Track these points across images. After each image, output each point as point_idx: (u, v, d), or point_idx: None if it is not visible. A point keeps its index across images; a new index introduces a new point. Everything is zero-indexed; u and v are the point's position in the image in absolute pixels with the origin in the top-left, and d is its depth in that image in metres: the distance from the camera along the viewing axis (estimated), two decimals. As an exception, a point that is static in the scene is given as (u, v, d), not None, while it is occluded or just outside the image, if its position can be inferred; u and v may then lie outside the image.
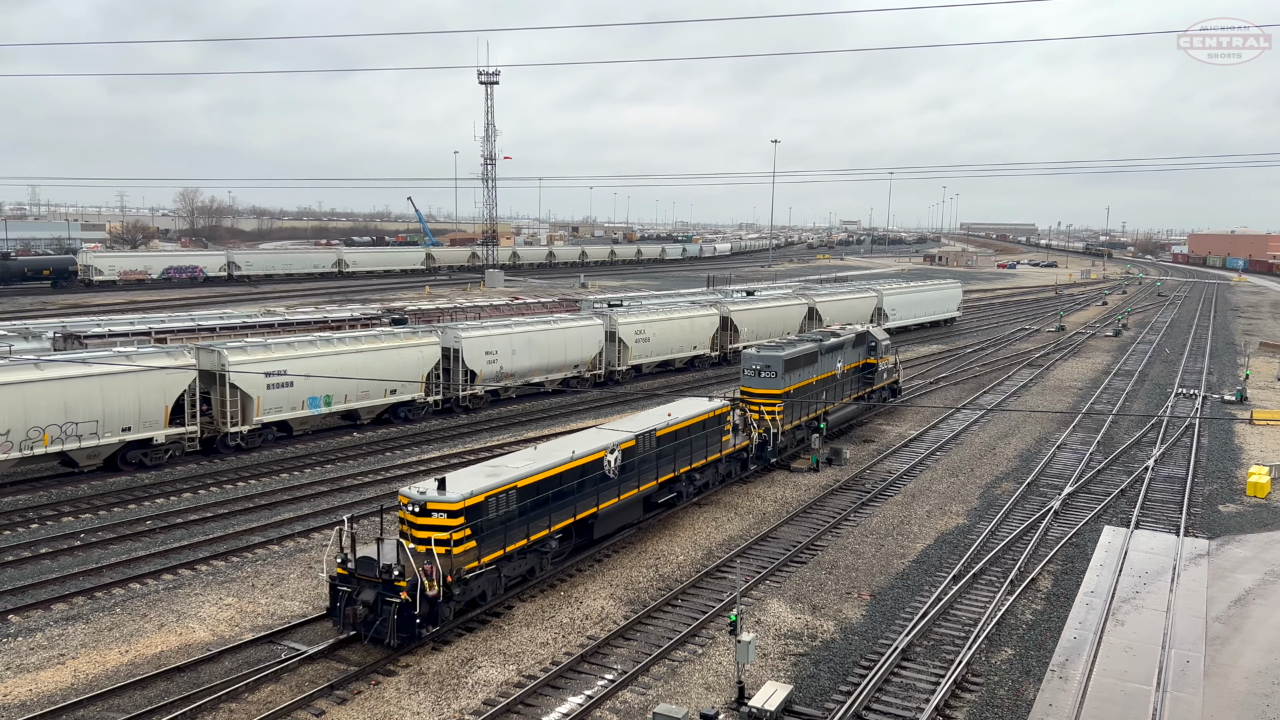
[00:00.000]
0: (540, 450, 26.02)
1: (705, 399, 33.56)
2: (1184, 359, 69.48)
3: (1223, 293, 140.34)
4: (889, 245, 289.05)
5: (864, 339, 43.75)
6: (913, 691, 19.70)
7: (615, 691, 19.46)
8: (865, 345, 43.64)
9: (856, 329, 44.29)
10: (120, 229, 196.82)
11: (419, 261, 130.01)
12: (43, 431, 31.04)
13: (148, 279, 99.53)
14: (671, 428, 29.28)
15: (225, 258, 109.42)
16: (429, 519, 21.23)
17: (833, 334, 42.20)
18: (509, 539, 22.73)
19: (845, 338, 41.67)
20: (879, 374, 44.51)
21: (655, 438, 28.35)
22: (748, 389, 35.53)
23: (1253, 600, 21.89)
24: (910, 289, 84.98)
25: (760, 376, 35.34)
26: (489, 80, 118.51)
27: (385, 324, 54.04)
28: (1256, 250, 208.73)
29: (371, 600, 20.48)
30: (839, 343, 40.76)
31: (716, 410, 31.77)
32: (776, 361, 35.17)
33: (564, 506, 24.63)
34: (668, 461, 29.12)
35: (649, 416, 30.51)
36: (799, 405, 36.65)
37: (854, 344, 42.34)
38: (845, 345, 41.33)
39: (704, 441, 30.95)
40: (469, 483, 22.29)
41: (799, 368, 36.41)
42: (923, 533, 29.84)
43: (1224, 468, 38.43)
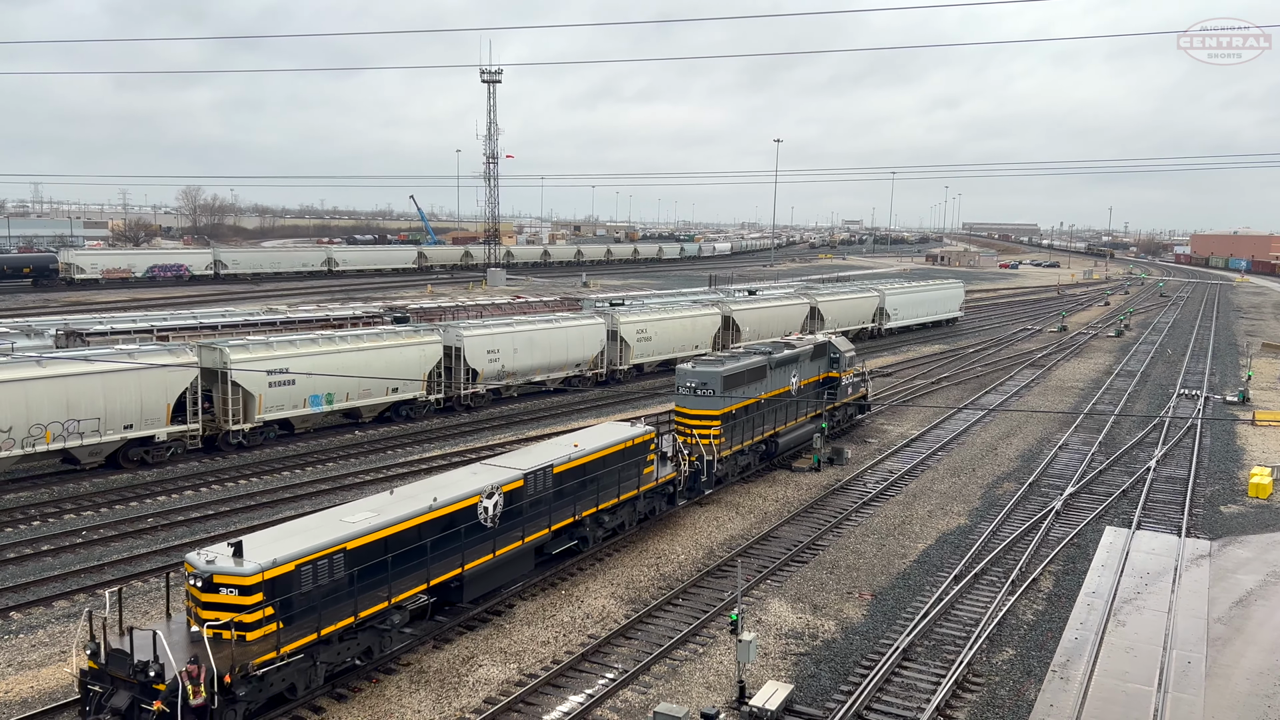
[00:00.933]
0: (398, 496, 21.58)
1: (627, 423, 29.65)
2: (1186, 360, 69.42)
3: (1225, 293, 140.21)
4: (891, 245, 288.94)
5: (823, 350, 40.02)
6: (914, 691, 19.69)
7: (616, 690, 19.47)
8: (826, 357, 39.98)
9: (816, 339, 41.05)
10: (123, 226, 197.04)
11: (411, 260, 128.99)
12: (45, 429, 31.07)
13: (131, 277, 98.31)
14: (575, 462, 25.26)
15: (212, 256, 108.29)
16: (217, 595, 16.85)
17: (786, 345, 38.27)
18: (329, 618, 18.01)
19: (801, 349, 38.02)
20: (842, 389, 40.62)
21: (551, 475, 24.32)
22: (682, 409, 31.59)
23: (1254, 601, 21.88)
24: (912, 289, 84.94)
25: (696, 395, 31.31)
26: (491, 79, 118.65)
27: (387, 322, 54.05)
28: (1259, 251, 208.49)
29: (124, 708, 15.98)
30: (793, 355, 37.06)
31: (637, 438, 27.78)
32: (714, 378, 31.30)
33: (414, 569, 20.00)
34: (568, 503, 24.88)
35: (549, 449, 26.39)
36: (742, 427, 32.88)
37: (812, 356, 38.61)
38: (801, 358, 37.71)
39: (619, 475, 26.69)
40: (276, 547, 17.89)
41: (742, 384, 32.73)
42: (924, 533, 29.83)
43: (1226, 469, 38.39)
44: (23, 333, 44.21)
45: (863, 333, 75.34)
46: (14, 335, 43.08)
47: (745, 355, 34.79)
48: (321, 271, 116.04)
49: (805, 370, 38.10)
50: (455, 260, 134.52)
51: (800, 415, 37.63)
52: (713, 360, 33.51)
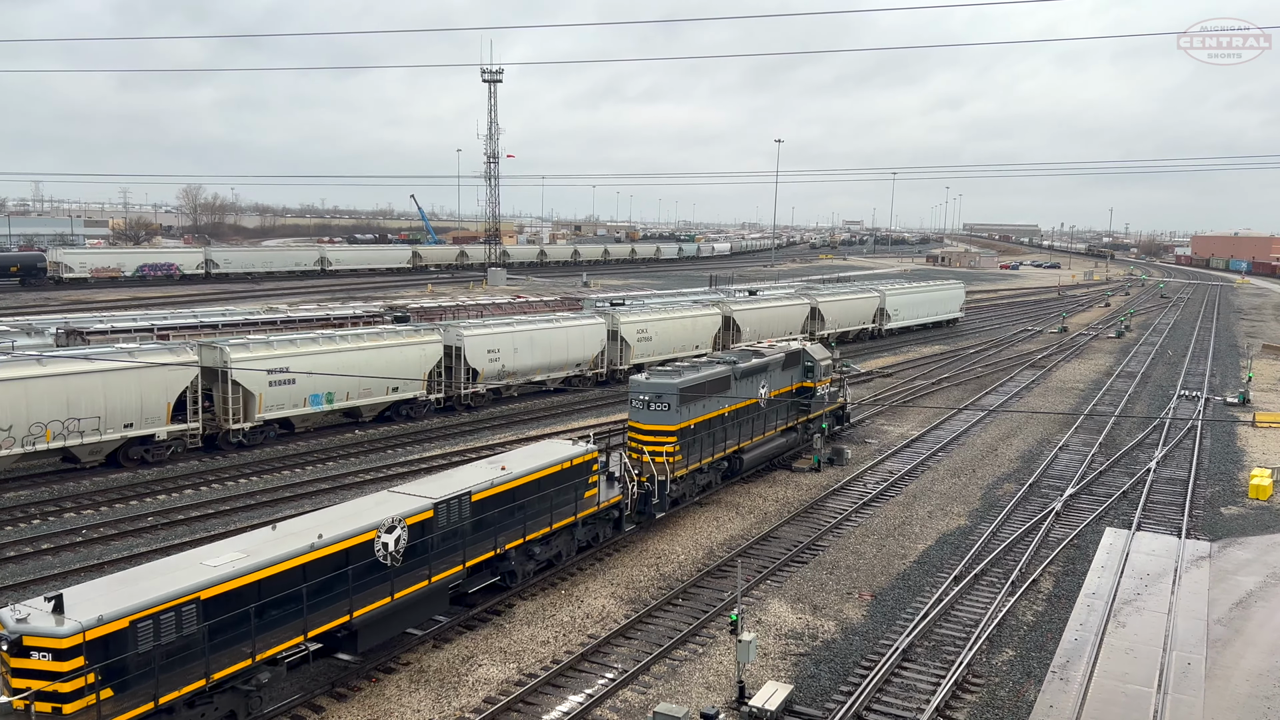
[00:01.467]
0: (280, 532, 18.86)
1: (569, 441, 26.57)
2: (1186, 361, 69.40)
3: (1225, 295, 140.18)
4: (892, 246, 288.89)
5: (797, 359, 37.43)
6: (913, 692, 19.69)
7: (616, 690, 19.47)
8: (799, 366, 37.47)
9: (788, 346, 38.18)
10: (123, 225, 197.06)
11: (405, 259, 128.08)
12: (45, 427, 31.08)
13: (120, 277, 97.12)
14: (500, 487, 22.66)
15: (203, 255, 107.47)
16: (28, 660, 14.18)
17: (754, 353, 35.85)
18: (173, 682, 15.36)
19: (771, 358, 35.50)
20: (817, 400, 38.07)
21: (469, 504, 21.70)
22: (635, 425, 29.31)
23: (1254, 603, 21.87)
24: (913, 289, 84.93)
25: (650, 409, 29.02)
26: (492, 79, 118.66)
27: (388, 322, 54.06)
28: (1260, 252, 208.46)
29: None
30: (761, 364, 34.60)
31: (577, 458, 25.17)
32: (670, 390, 29.01)
33: (289, 619, 17.32)
34: (489, 535, 22.25)
35: (471, 472, 23.61)
36: (702, 443, 30.60)
37: (784, 365, 36.09)
38: (771, 367, 35.21)
39: (553, 501, 24.12)
40: (109, 599, 15.15)
41: (702, 397, 30.48)
42: (924, 533, 29.82)
43: (1226, 470, 38.38)
44: (23, 331, 44.23)
45: (863, 333, 75.36)
46: (14, 334, 43.10)
47: (707, 365, 32.57)
48: (315, 271, 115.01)
49: (776, 380, 35.53)
50: (451, 260, 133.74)
51: (770, 428, 35.18)
52: (668, 371, 31.02)
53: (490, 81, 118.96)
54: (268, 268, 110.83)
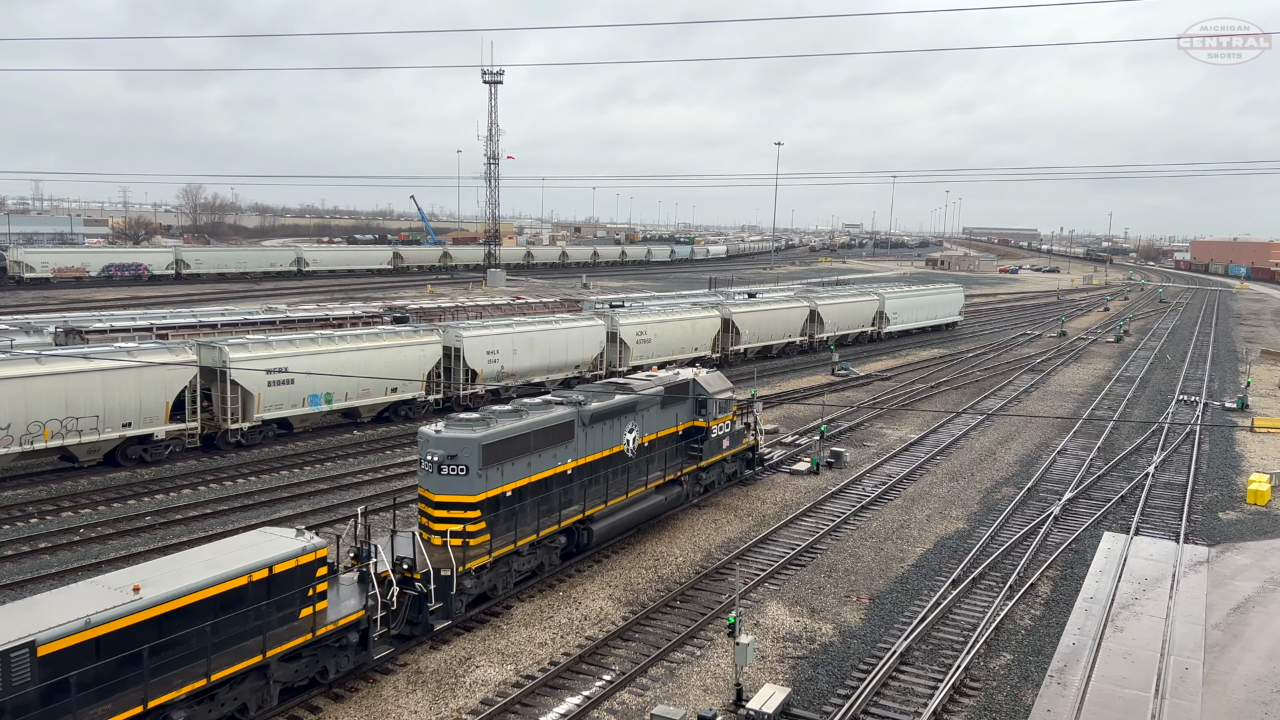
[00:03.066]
0: None
1: (290, 532, 18.72)
2: (1185, 366, 69.44)
3: (1224, 300, 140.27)
4: (891, 249, 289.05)
5: (683, 392, 30.67)
6: (911, 696, 19.69)
7: (613, 692, 19.46)
8: (688, 401, 30.80)
9: (673, 376, 31.49)
10: (123, 224, 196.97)
11: (385, 261, 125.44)
12: (43, 426, 31.06)
13: (85, 276, 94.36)
14: (101, 629, 14.52)
15: (173, 255, 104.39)
16: None
17: (619, 388, 28.67)
18: None
19: (641, 394, 28.47)
20: (712, 443, 31.37)
21: (34, 662, 13.59)
22: (425, 493, 22.51)
23: (1252, 608, 21.86)
24: (912, 293, 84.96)
25: (442, 473, 21.99)
26: (492, 80, 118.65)
27: (387, 322, 54.05)
28: (1259, 258, 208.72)
29: None
30: (627, 403, 27.51)
31: (288, 561, 17.50)
32: (468, 447, 21.94)
33: None
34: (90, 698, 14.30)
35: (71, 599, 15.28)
36: (523, 514, 23.50)
37: (663, 402, 29.48)
38: (642, 406, 28.29)
39: (233, 632, 16.51)
40: None
41: (523, 452, 23.57)
42: (922, 537, 29.82)
43: (1224, 475, 38.39)
44: (22, 330, 44.18)
45: (862, 336, 75.39)
46: (13, 332, 43.06)
47: (539, 408, 25.19)
48: (291, 272, 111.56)
49: (652, 421, 28.80)
50: (433, 261, 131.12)
51: (640, 484, 28.10)
52: (468, 422, 22.99)
53: (490, 83, 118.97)
54: (241, 268, 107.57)
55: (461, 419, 23.38)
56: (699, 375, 31.63)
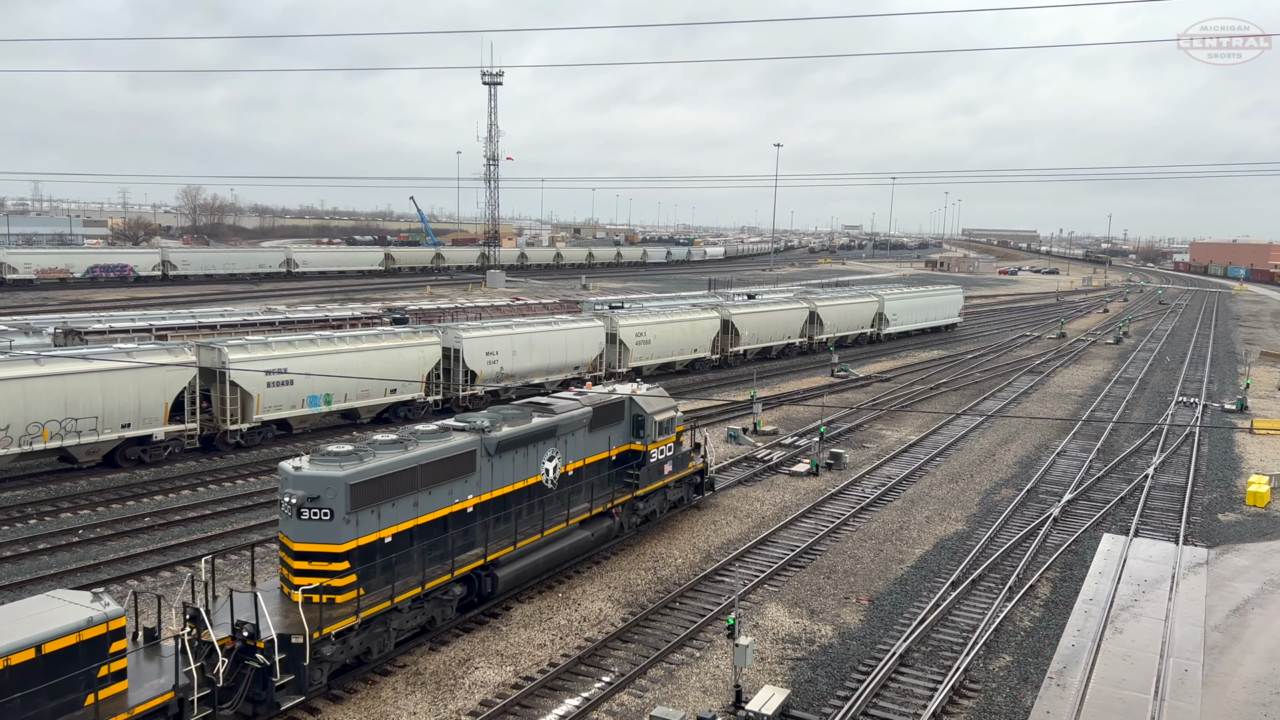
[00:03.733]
0: None
1: (86, 597, 15.56)
2: (1184, 367, 69.46)
3: (1224, 301, 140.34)
4: (890, 250, 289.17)
5: (617, 413, 27.35)
6: (910, 697, 19.68)
7: (613, 694, 19.44)
8: (622, 423, 27.62)
9: (604, 396, 27.66)
10: (122, 225, 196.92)
11: (377, 262, 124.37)
12: (42, 427, 31.03)
13: (70, 278, 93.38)
14: None
15: (160, 256, 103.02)
16: None
17: (538, 409, 25.12)
18: None
19: (564, 416, 24.99)
20: (651, 468, 28.06)
21: None
22: (285, 540, 19.10)
23: (1251, 609, 21.86)
24: (911, 294, 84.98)
25: (302, 518, 18.65)
26: (492, 81, 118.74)
27: (386, 323, 54.05)
28: (1258, 259, 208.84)
29: None
30: (546, 426, 24.22)
31: (67, 637, 14.37)
32: (332, 488, 18.53)
33: None
34: None
35: None
36: (406, 563, 20.13)
37: (591, 423, 26.06)
38: (565, 428, 24.95)
39: None
40: None
41: (405, 491, 20.07)
42: (921, 538, 29.81)
43: (1224, 477, 38.40)
44: (21, 331, 44.18)
45: (862, 338, 75.39)
46: (12, 333, 43.06)
47: (427, 437, 21.48)
48: (280, 273, 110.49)
49: (578, 446, 25.67)
50: (426, 263, 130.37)
51: (561, 519, 24.78)
52: (336, 456, 19.29)
53: (490, 84, 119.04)
54: (230, 269, 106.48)
55: (329, 452, 19.54)
56: (636, 393, 28.54)
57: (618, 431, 27.54)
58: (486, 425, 22.71)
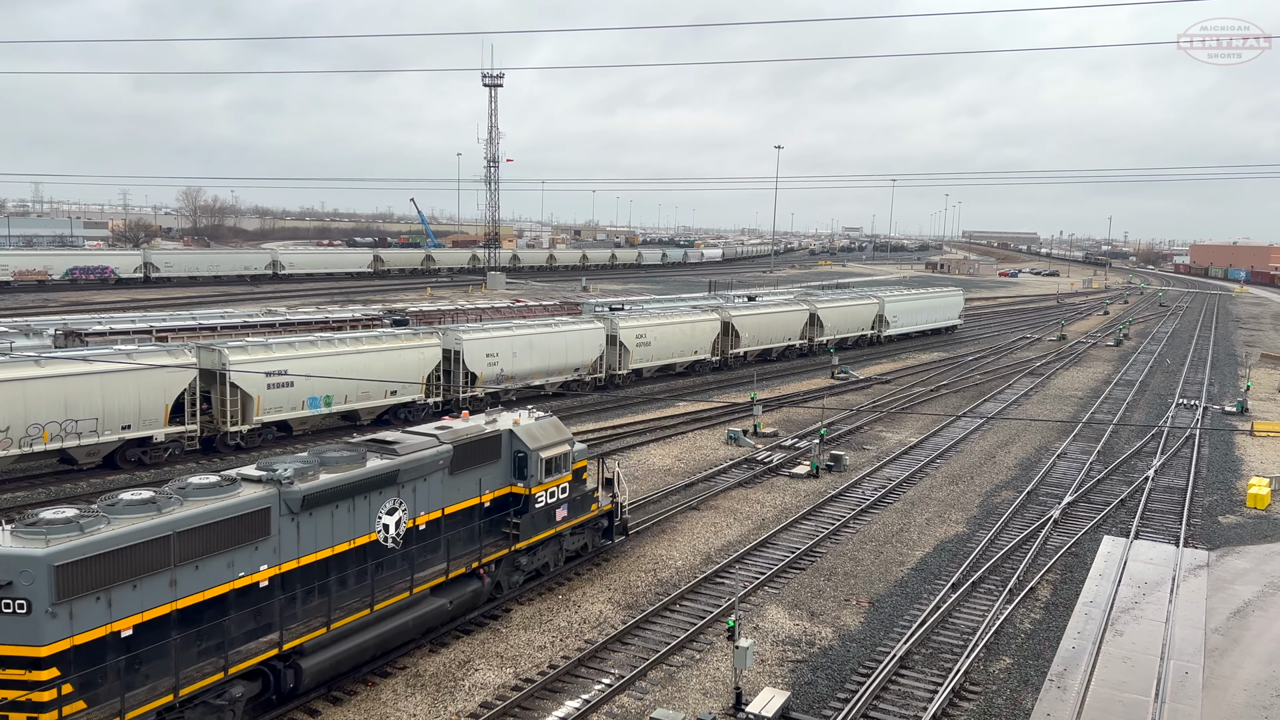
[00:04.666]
0: None
1: None
2: (1185, 369, 69.45)
3: (1224, 304, 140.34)
4: (891, 252, 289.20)
5: (490, 450, 22.86)
6: (910, 699, 19.67)
7: (612, 696, 19.43)
8: (498, 462, 23.09)
9: (475, 428, 22.98)
10: (123, 227, 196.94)
11: (365, 264, 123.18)
12: (42, 428, 31.02)
13: (48, 280, 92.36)
14: None
15: (141, 258, 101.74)
16: None
17: (377, 447, 20.69)
18: None
19: (412, 458, 20.51)
20: (537, 515, 23.67)
21: None
22: None
23: (1252, 612, 21.84)
24: (912, 296, 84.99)
25: None
26: (492, 83, 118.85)
27: (386, 325, 54.07)
28: (1258, 261, 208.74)
29: None
30: (381, 473, 19.68)
31: None
32: (29, 571, 14.24)
33: None
34: None
35: None
36: (157, 661, 15.68)
37: (454, 463, 21.54)
38: (414, 473, 20.53)
39: None
40: None
41: (154, 568, 15.73)
42: (922, 540, 29.80)
43: (1224, 479, 38.39)
44: (21, 332, 44.18)
45: (862, 339, 75.39)
46: (13, 335, 43.06)
47: (199, 493, 17.38)
48: (266, 275, 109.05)
49: (431, 493, 21.17)
50: (416, 265, 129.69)
51: (404, 586, 20.26)
52: (42, 526, 15.05)
53: (490, 86, 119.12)
54: (214, 271, 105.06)
55: (38, 520, 15.21)
56: (520, 425, 23.86)
57: (493, 472, 23.01)
58: (289, 475, 18.13)
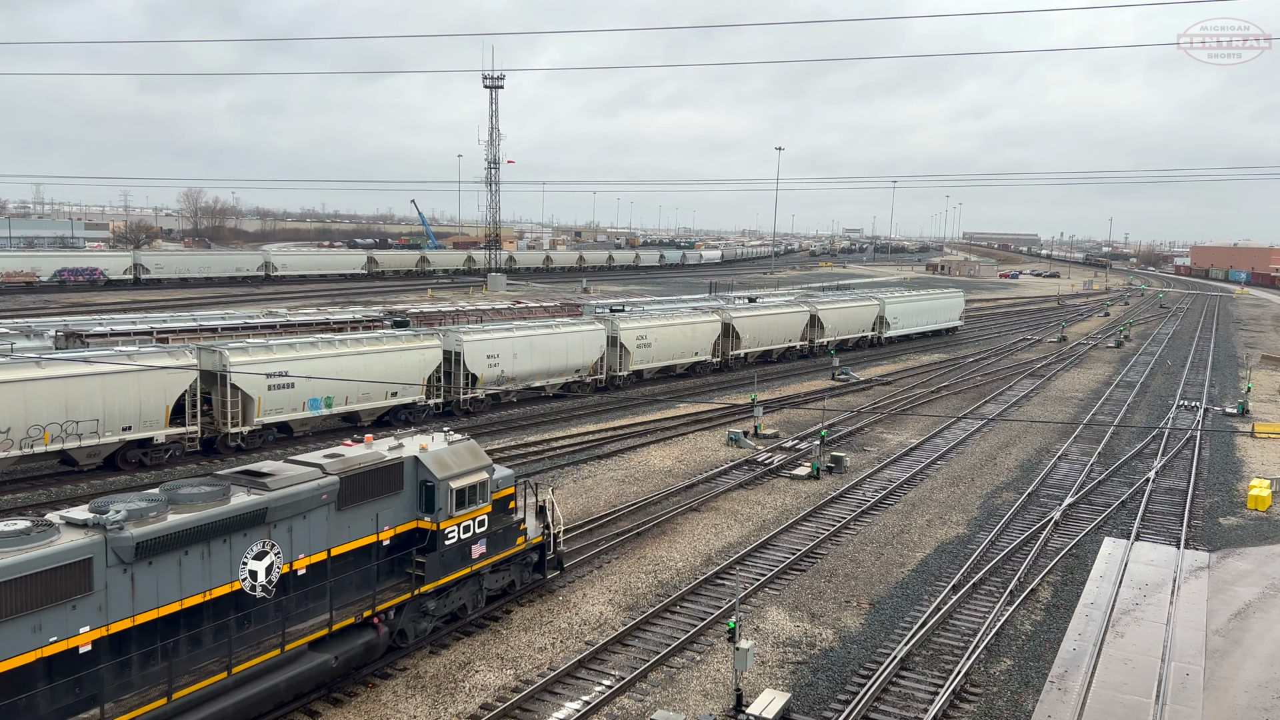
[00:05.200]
0: None
1: None
2: (1185, 371, 69.42)
3: (1225, 305, 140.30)
4: (891, 254, 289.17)
5: (387, 481, 19.97)
6: (911, 701, 19.66)
7: (613, 698, 19.42)
8: (400, 494, 20.28)
9: (371, 457, 19.99)
10: (124, 228, 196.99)
11: (359, 266, 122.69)
12: (43, 430, 31.03)
13: (36, 282, 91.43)
14: None
15: (131, 259, 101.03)
16: None
17: (246, 481, 18.06)
18: None
19: (290, 490, 17.93)
20: (449, 552, 20.87)
21: None
22: None
23: (1253, 614, 21.82)
24: (912, 298, 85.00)
25: None
26: (493, 84, 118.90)
27: (387, 326, 54.09)
28: (1259, 263, 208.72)
29: None
30: (245, 512, 17.05)
31: None
32: None
33: None
34: None
35: None
36: None
37: (342, 497, 18.83)
38: (289, 510, 17.88)
39: None
40: None
41: None
42: (923, 542, 29.79)
43: (1225, 480, 38.36)
44: (22, 333, 44.22)
45: (863, 341, 75.38)
46: (13, 336, 43.10)
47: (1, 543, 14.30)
48: (258, 276, 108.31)
49: (315, 532, 18.45)
50: (410, 266, 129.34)
51: (275, 643, 17.48)
52: None
53: (491, 87, 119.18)
54: (205, 273, 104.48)
55: None
56: (427, 451, 20.85)
57: (394, 506, 20.24)
58: (120, 519, 15.38)
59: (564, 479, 34.87)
